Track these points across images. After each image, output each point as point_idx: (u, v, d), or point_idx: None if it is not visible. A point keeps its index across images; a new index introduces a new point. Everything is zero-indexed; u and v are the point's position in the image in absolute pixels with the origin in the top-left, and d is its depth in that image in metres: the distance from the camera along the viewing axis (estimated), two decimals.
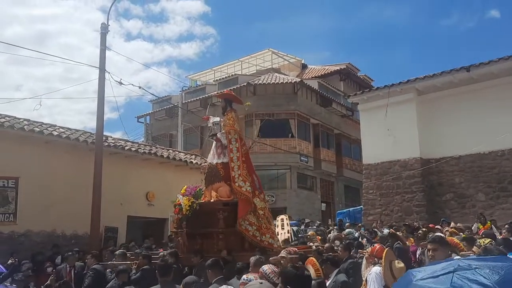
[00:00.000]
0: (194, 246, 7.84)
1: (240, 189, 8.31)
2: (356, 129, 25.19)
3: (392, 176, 14.77)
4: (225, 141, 8.67)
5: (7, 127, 10.91)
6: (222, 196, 8.32)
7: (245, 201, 8.27)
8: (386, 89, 15.04)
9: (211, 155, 8.92)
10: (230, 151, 8.66)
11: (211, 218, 8.12)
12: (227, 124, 8.86)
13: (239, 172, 8.50)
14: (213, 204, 8.27)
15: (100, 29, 12.46)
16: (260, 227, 8.34)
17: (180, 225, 8.02)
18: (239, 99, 10.08)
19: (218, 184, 8.46)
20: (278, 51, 31.03)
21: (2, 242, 10.66)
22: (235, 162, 8.55)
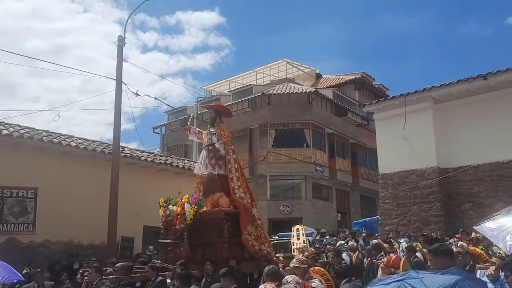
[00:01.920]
0: (195, 256, 7.74)
1: (242, 200, 8.42)
2: (371, 139, 25.01)
3: (409, 186, 14.58)
4: (223, 152, 8.73)
5: (26, 138, 11.12)
6: (223, 206, 8.31)
7: (246, 212, 8.39)
8: (402, 98, 14.91)
9: (202, 164, 8.87)
10: (228, 161, 8.73)
11: (210, 228, 8.11)
12: (224, 135, 8.93)
13: (239, 184, 8.61)
14: (215, 214, 8.21)
15: (117, 41, 12.68)
16: (259, 236, 8.47)
17: (181, 235, 7.85)
18: (229, 112, 10.22)
19: (218, 194, 8.46)
20: (292, 61, 31.10)
21: (21, 252, 10.82)
22: (234, 173, 8.65)
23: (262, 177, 24.14)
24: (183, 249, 7.76)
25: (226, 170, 8.78)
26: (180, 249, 7.78)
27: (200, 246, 7.92)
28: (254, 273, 7.46)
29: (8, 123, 11.66)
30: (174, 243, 8.06)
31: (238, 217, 8.29)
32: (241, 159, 24.59)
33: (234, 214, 8.27)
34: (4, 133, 10.79)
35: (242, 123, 25.14)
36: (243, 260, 7.85)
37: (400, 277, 2.69)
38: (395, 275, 2.89)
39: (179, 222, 7.84)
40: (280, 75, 30.73)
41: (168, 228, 8.83)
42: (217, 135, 8.87)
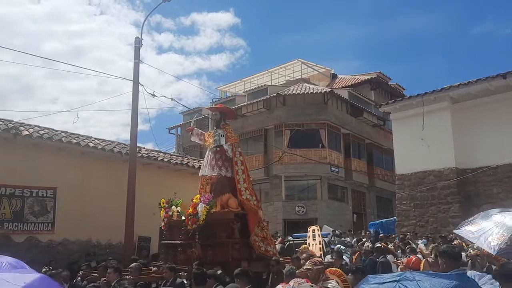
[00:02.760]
0: (206, 256, 7.73)
1: (248, 202, 8.50)
2: (388, 139, 24.80)
3: (427, 187, 14.41)
4: (231, 153, 8.78)
5: (45, 139, 11.32)
6: (232, 207, 8.38)
7: (254, 214, 8.48)
8: (420, 98, 14.75)
9: (208, 166, 8.90)
10: (235, 163, 8.80)
11: (220, 229, 8.14)
12: (231, 137, 8.99)
13: (245, 185, 8.68)
14: (225, 215, 8.26)
15: (133, 43, 12.79)
16: (265, 238, 8.58)
17: (193, 235, 7.84)
18: (234, 114, 10.25)
19: (227, 195, 8.52)
20: (307, 61, 31.01)
21: (41, 251, 11.01)
22: (240, 174, 8.73)
23: (277, 178, 24.12)
24: (195, 249, 7.74)
25: (232, 172, 8.85)
26: (192, 250, 7.76)
27: (211, 247, 7.94)
28: (263, 273, 7.50)
29: (28, 124, 11.87)
30: (185, 243, 8.02)
31: (246, 219, 8.37)
32: (256, 160, 24.93)
33: (242, 215, 8.35)
34: (24, 133, 11.00)
35: (257, 124, 25.16)
36: (251, 260, 7.90)
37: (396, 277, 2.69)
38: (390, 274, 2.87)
39: (192, 222, 7.83)
40: (295, 75, 30.66)
41: (171, 229, 8.86)
42: (225, 137, 8.93)
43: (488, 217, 4.19)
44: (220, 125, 9.24)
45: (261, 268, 7.70)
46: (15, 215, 10.78)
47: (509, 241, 3.69)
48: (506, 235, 3.74)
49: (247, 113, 25.71)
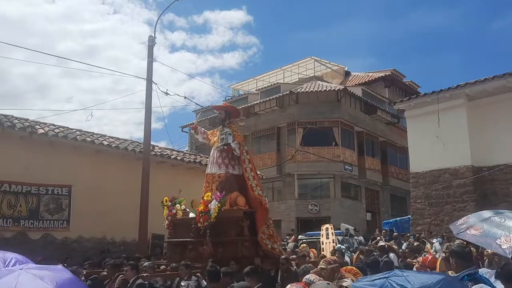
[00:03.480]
0: (216, 254, 7.72)
1: (261, 197, 8.58)
2: (402, 137, 24.57)
3: (442, 185, 14.23)
4: (238, 152, 8.81)
5: (61, 137, 11.44)
6: (241, 205, 8.41)
7: (264, 210, 8.53)
8: (435, 95, 14.56)
9: (215, 164, 8.90)
10: (243, 162, 8.86)
11: (230, 226, 8.17)
12: (237, 136, 9.03)
13: (256, 182, 8.77)
14: (234, 212, 8.30)
15: (147, 41, 12.86)
16: (271, 235, 8.62)
17: (204, 233, 7.82)
18: (238, 113, 10.28)
19: (236, 193, 8.54)
20: (320, 59, 30.86)
21: (57, 248, 11.14)
22: (249, 172, 8.81)
23: (290, 176, 24.06)
24: (206, 247, 7.73)
25: (239, 170, 8.89)
26: (203, 247, 7.74)
27: (221, 244, 7.95)
28: (272, 271, 7.52)
29: (44, 123, 12.00)
30: (196, 241, 7.99)
31: (253, 216, 8.43)
32: (269, 158, 24.88)
33: (250, 213, 8.41)
34: (40, 132, 11.13)
35: (270, 122, 25.13)
36: (258, 257, 7.97)
37: (385, 275, 2.76)
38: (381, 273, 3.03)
39: (204, 220, 7.81)
40: (308, 73, 30.53)
41: (177, 227, 8.85)
42: (232, 135, 8.95)
43: (487, 220, 4.16)
44: (225, 123, 9.25)
45: (269, 265, 7.74)
46: (31, 213, 10.92)
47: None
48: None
49: (259, 111, 25.69)
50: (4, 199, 10.49)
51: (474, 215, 4.44)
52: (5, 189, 10.54)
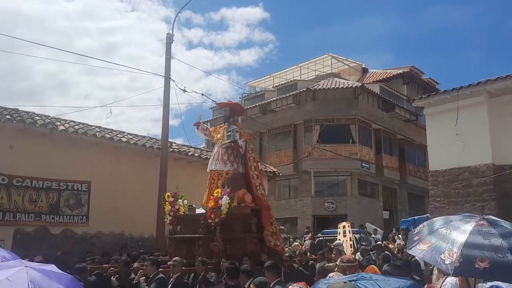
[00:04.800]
0: (225, 250, 7.72)
1: (263, 197, 8.69)
2: (420, 134, 24.27)
3: (462, 184, 13.99)
4: (245, 149, 8.86)
5: (81, 133, 11.62)
6: (248, 203, 8.46)
7: (267, 209, 8.62)
8: (455, 92, 14.29)
9: (219, 161, 8.90)
10: (248, 160, 8.89)
11: (237, 223, 8.20)
12: (243, 133, 9.04)
13: (259, 181, 8.85)
14: (242, 209, 8.34)
15: (165, 39, 12.95)
16: (274, 232, 8.69)
17: (214, 229, 7.80)
18: (242, 110, 10.31)
19: (243, 190, 8.57)
20: (337, 56, 30.64)
21: (76, 242, 11.34)
22: (253, 171, 8.87)
23: (307, 173, 24.00)
24: (216, 243, 7.72)
25: (244, 168, 8.90)
26: (214, 244, 7.75)
27: (230, 241, 7.96)
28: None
29: (64, 119, 12.19)
30: (206, 237, 7.97)
31: (259, 213, 8.49)
32: (285, 155, 24.89)
33: (257, 210, 8.48)
34: (60, 128, 11.31)
35: (287, 119, 25.08)
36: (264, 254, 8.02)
37: (353, 277, 2.78)
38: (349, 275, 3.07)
39: (215, 216, 7.80)
40: (325, 70, 30.37)
41: (182, 223, 8.84)
42: (240, 133, 8.98)
43: (433, 231, 3.91)
44: (230, 120, 9.25)
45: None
46: (51, 208, 11.13)
47: (461, 258, 3.42)
48: (456, 252, 3.47)
49: (276, 108, 25.66)
50: (26, 194, 10.70)
51: (428, 223, 4.21)
52: (27, 184, 10.75)
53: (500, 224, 3.74)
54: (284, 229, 18.79)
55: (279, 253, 8.29)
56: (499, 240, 3.48)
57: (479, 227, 3.65)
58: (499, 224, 3.74)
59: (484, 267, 3.34)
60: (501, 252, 3.39)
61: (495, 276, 3.53)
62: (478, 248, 3.46)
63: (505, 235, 3.55)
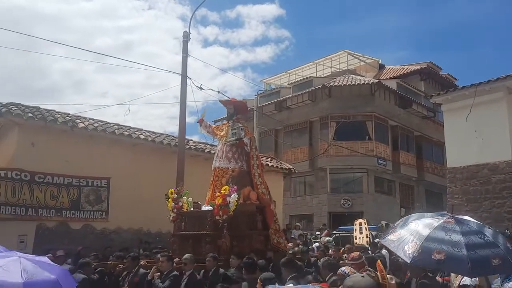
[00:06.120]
0: (232, 247, 7.73)
1: (264, 196, 8.75)
2: (438, 131, 24.00)
3: (480, 181, 13.83)
4: (248, 148, 8.90)
5: (100, 131, 11.82)
6: (253, 200, 8.53)
7: (269, 207, 8.72)
8: (473, 88, 14.11)
9: (224, 158, 8.94)
10: (251, 157, 8.94)
11: (243, 220, 8.25)
12: (248, 132, 9.11)
13: (261, 180, 8.91)
14: (248, 207, 8.39)
15: (182, 37, 13.05)
16: (277, 230, 8.79)
17: (222, 226, 7.82)
18: (246, 109, 10.33)
19: (248, 188, 8.62)
20: (353, 52, 30.46)
21: (96, 238, 11.56)
22: (256, 169, 8.92)
23: (323, 170, 23.96)
24: (224, 240, 7.74)
25: (247, 166, 8.95)
26: (222, 240, 7.76)
27: (236, 238, 7.97)
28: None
29: (84, 117, 12.42)
30: (213, 234, 7.97)
31: (264, 211, 8.58)
32: (301, 152, 24.90)
33: (262, 208, 8.57)
34: (80, 126, 11.53)
35: (302, 116, 25.06)
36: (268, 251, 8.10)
37: None
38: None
39: (224, 213, 7.81)
40: (341, 66, 30.22)
41: (187, 220, 8.83)
42: (245, 130, 9.04)
43: (405, 225, 4.29)
44: (234, 118, 9.30)
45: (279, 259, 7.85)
46: (72, 204, 11.35)
47: (421, 249, 3.81)
48: (418, 243, 3.86)
49: (292, 105, 25.65)
50: (47, 191, 10.93)
51: (404, 218, 4.54)
52: (48, 181, 10.98)
53: (466, 223, 4.11)
54: (299, 225, 18.85)
55: (282, 251, 8.32)
56: (459, 237, 3.85)
57: (445, 224, 4.02)
58: (465, 223, 4.12)
59: (439, 258, 3.73)
60: (457, 247, 3.77)
61: (448, 267, 3.95)
62: (438, 242, 3.84)
63: (466, 232, 3.92)
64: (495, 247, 3.86)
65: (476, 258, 3.72)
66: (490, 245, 3.87)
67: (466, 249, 3.75)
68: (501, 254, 3.82)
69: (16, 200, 10.31)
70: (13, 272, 3.12)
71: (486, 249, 3.82)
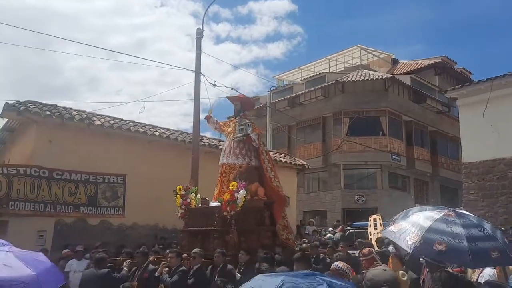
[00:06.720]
0: (240, 243, 7.75)
1: (278, 189, 8.76)
2: (453, 126, 23.76)
3: (496, 176, 13.69)
4: (257, 143, 8.93)
5: (116, 128, 11.97)
6: (261, 196, 8.53)
7: (282, 201, 8.72)
8: (489, 82, 13.97)
9: (231, 154, 8.96)
10: (261, 153, 8.98)
11: (251, 216, 8.27)
12: (255, 127, 9.10)
13: (273, 174, 8.90)
14: (256, 202, 8.40)
15: (195, 34, 13.13)
16: (286, 226, 8.77)
17: (230, 222, 7.84)
18: (252, 105, 10.34)
19: (256, 184, 8.63)
20: (367, 47, 30.26)
21: (113, 233, 11.73)
22: (267, 164, 8.94)
23: (336, 166, 23.91)
24: (232, 236, 7.77)
25: (256, 162, 8.97)
26: (230, 236, 7.78)
27: (244, 234, 8.00)
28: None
29: (100, 114, 12.57)
30: (222, 230, 8.00)
31: (272, 207, 8.59)
32: (314, 148, 24.85)
33: (270, 204, 8.57)
34: (96, 123, 11.70)
35: (315, 112, 25.01)
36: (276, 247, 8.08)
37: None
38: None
39: (231, 209, 7.83)
40: (354, 62, 30.04)
41: (195, 216, 8.89)
42: (252, 126, 9.04)
43: (407, 217, 4.40)
44: (240, 114, 9.32)
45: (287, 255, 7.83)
46: (89, 200, 11.52)
47: (422, 240, 3.92)
48: (419, 234, 3.97)
49: (304, 101, 25.61)
50: (65, 187, 11.11)
51: (405, 211, 4.64)
52: (66, 177, 11.16)
53: (466, 217, 4.24)
54: (313, 221, 18.86)
55: (290, 247, 8.33)
56: (460, 229, 3.97)
57: (445, 217, 4.14)
58: (465, 216, 4.26)
59: (440, 249, 3.85)
60: (458, 239, 3.89)
61: (449, 258, 4.03)
62: (439, 233, 3.96)
63: (466, 225, 4.04)
64: (494, 240, 4.00)
65: (476, 250, 3.85)
66: (489, 238, 4.01)
67: (467, 241, 3.86)
68: (500, 247, 3.97)
69: (35, 197, 10.50)
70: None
71: (486, 242, 3.95)
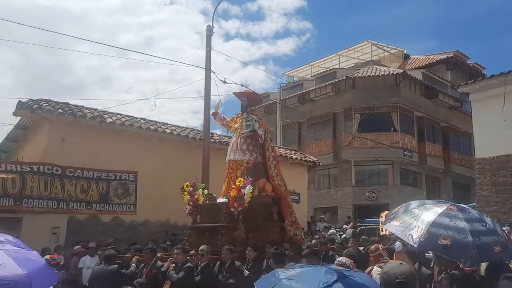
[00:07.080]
0: (248, 239, 7.75)
1: (280, 187, 8.75)
2: (465, 122, 23.51)
3: (510, 171, 13.54)
4: (263, 139, 8.91)
5: (127, 125, 12.07)
6: (268, 192, 8.54)
7: (285, 199, 8.77)
8: (502, 77, 13.79)
9: (238, 150, 8.93)
10: (266, 149, 8.96)
11: (258, 212, 8.28)
12: (262, 123, 9.09)
13: (276, 172, 8.89)
14: (264, 198, 8.42)
15: (204, 31, 13.16)
16: (294, 222, 8.77)
17: (237, 218, 7.83)
18: (260, 100, 10.30)
19: (264, 180, 8.63)
20: (377, 42, 29.99)
21: (125, 230, 11.84)
22: (271, 161, 8.92)
23: (347, 163, 23.81)
24: (240, 232, 7.77)
25: (262, 157, 8.95)
26: (238, 232, 7.78)
27: (252, 229, 8.00)
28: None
29: (111, 112, 12.67)
30: (229, 226, 7.99)
31: (279, 203, 8.60)
32: (325, 145, 24.76)
33: (277, 200, 8.58)
34: (108, 121, 11.79)
35: (326, 108, 24.91)
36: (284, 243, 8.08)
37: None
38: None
39: (238, 205, 7.82)
40: (364, 57, 29.81)
41: (203, 213, 8.89)
42: (259, 122, 9.04)
43: (408, 211, 4.40)
44: (247, 110, 9.30)
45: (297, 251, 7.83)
46: (101, 197, 11.60)
47: (427, 234, 3.92)
48: (424, 229, 3.97)
49: (315, 98, 25.52)
50: (78, 184, 11.20)
51: (405, 205, 4.64)
52: (78, 175, 11.24)
53: (467, 211, 4.28)
54: (324, 218, 18.83)
55: (298, 243, 8.32)
56: (464, 223, 4.00)
57: (448, 211, 4.16)
58: (467, 210, 4.29)
59: (445, 243, 3.87)
60: (463, 233, 3.91)
61: (454, 252, 4.02)
62: (443, 227, 3.98)
63: (469, 219, 4.07)
64: (496, 235, 4.04)
65: (480, 245, 3.87)
66: (491, 232, 4.05)
67: (471, 235, 3.89)
68: (502, 241, 4.00)
69: (48, 194, 10.59)
70: None
71: (489, 236, 3.98)
